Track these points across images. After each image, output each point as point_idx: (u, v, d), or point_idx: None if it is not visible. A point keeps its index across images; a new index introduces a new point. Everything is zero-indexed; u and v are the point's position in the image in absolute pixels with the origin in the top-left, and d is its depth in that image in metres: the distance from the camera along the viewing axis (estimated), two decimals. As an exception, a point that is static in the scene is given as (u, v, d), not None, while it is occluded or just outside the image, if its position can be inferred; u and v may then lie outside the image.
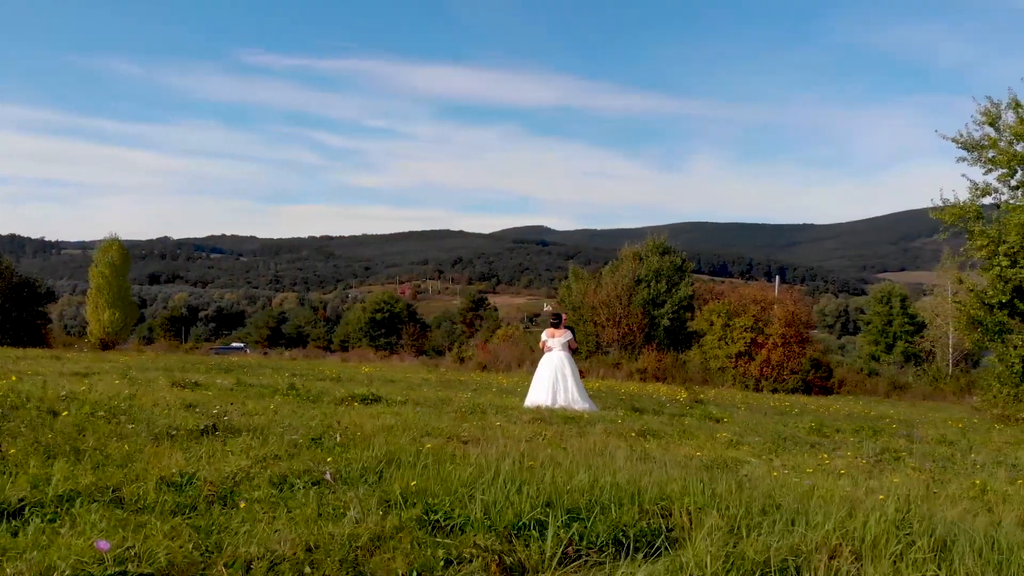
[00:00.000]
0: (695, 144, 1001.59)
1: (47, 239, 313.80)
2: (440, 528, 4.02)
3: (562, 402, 12.97)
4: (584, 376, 16.24)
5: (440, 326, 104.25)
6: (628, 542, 3.90)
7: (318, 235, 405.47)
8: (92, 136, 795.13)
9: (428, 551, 3.68)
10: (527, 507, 4.19)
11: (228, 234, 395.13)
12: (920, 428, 13.97)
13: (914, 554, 3.79)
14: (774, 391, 32.22)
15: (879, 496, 5.13)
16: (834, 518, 4.15)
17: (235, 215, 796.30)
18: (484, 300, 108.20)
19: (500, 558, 3.65)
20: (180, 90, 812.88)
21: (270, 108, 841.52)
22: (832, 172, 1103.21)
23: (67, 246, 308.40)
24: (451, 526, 4.04)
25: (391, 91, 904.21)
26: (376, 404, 11.14)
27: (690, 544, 3.75)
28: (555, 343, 13.68)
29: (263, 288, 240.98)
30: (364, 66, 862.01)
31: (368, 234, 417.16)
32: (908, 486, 6.12)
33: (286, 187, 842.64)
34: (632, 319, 42.41)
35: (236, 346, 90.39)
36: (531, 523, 4.03)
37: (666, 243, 47.39)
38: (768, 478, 6.17)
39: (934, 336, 51.27)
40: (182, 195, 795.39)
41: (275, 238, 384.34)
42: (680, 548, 3.78)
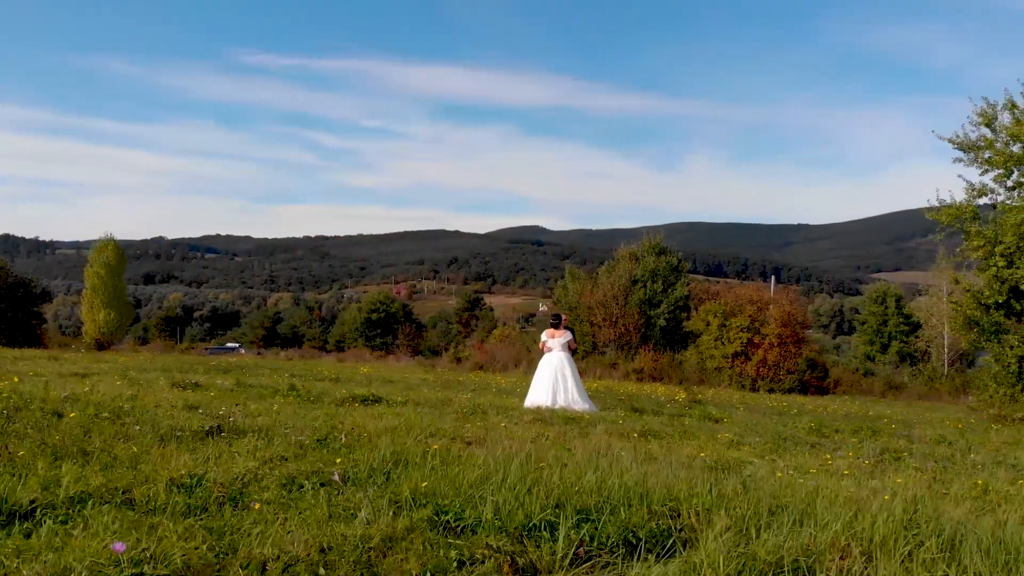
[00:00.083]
0: (691, 144, 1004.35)
1: (42, 239, 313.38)
2: (451, 529, 4.03)
3: (562, 403, 12.98)
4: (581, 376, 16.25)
5: (436, 326, 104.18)
6: (638, 543, 3.92)
7: (313, 235, 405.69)
8: (87, 136, 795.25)
9: (440, 552, 3.69)
10: (537, 508, 4.21)
11: (223, 234, 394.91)
12: (918, 428, 14.02)
13: (923, 554, 3.82)
14: (770, 391, 32.30)
15: (884, 496, 5.15)
16: (842, 518, 4.18)
17: (230, 215, 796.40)
18: (480, 300, 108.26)
19: (512, 559, 3.66)
20: (176, 90, 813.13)
21: (266, 108, 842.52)
22: (827, 172, 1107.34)
23: (62, 246, 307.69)
24: (461, 527, 4.05)
25: (387, 91, 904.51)
26: (377, 405, 11.14)
27: (702, 544, 3.77)
28: (555, 343, 13.69)
29: (258, 288, 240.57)
30: (360, 66, 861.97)
31: (363, 234, 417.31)
32: (912, 486, 6.15)
33: (282, 187, 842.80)
34: (628, 319, 42.44)
35: (231, 346, 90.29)
36: (541, 524, 4.05)
37: (662, 243, 47.40)
38: (772, 479, 6.19)
39: (929, 336, 51.38)
40: (177, 195, 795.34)
41: (270, 238, 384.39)
42: (692, 549, 3.80)
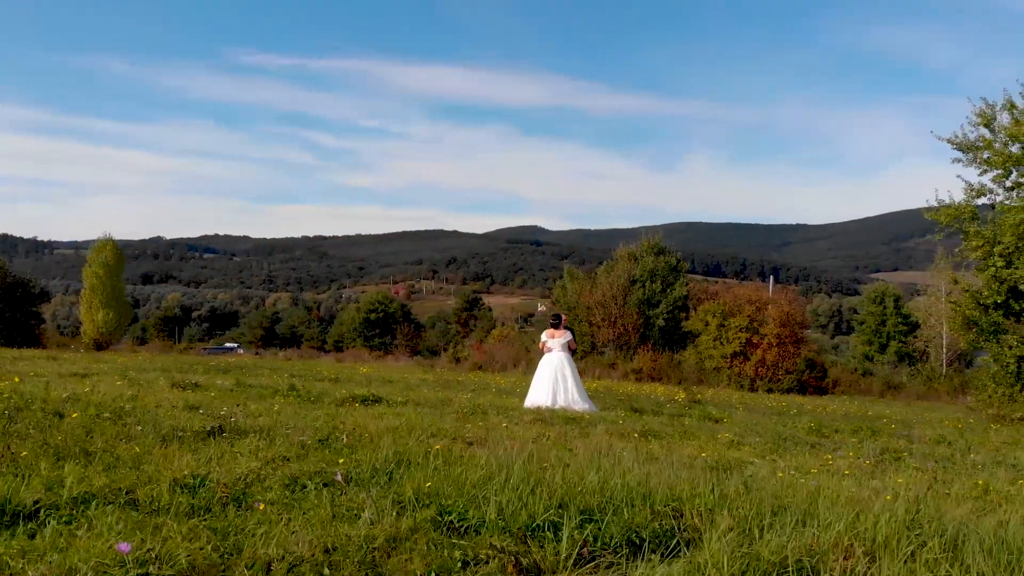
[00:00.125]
0: (688, 144, 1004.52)
1: (39, 239, 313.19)
2: (454, 529, 4.03)
3: (562, 403, 12.99)
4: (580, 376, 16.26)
5: (434, 326, 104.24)
6: (642, 543, 3.92)
7: (311, 235, 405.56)
8: (85, 136, 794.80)
9: (445, 552, 3.69)
10: (540, 508, 4.21)
11: (221, 234, 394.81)
12: (917, 428, 14.05)
13: (926, 554, 3.82)
14: (769, 391, 32.34)
15: (886, 497, 5.16)
16: (845, 519, 4.19)
17: (228, 215, 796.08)
18: (478, 300, 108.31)
19: (516, 559, 3.67)
20: (173, 90, 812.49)
21: (263, 108, 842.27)
22: (825, 172, 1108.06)
23: (59, 246, 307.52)
24: (465, 527, 4.06)
25: (385, 91, 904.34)
26: (377, 405, 11.15)
27: (706, 545, 3.77)
28: (555, 344, 13.70)
29: (256, 288, 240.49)
30: (358, 66, 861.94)
31: (362, 234, 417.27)
32: (913, 486, 6.16)
33: (279, 187, 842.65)
34: (627, 319, 42.47)
35: (229, 346, 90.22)
36: (545, 524, 4.05)
37: (661, 243, 47.44)
38: (773, 479, 6.20)
39: (928, 336, 51.48)
40: (175, 195, 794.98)
41: (268, 238, 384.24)
42: (696, 549, 3.81)
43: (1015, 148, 19.92)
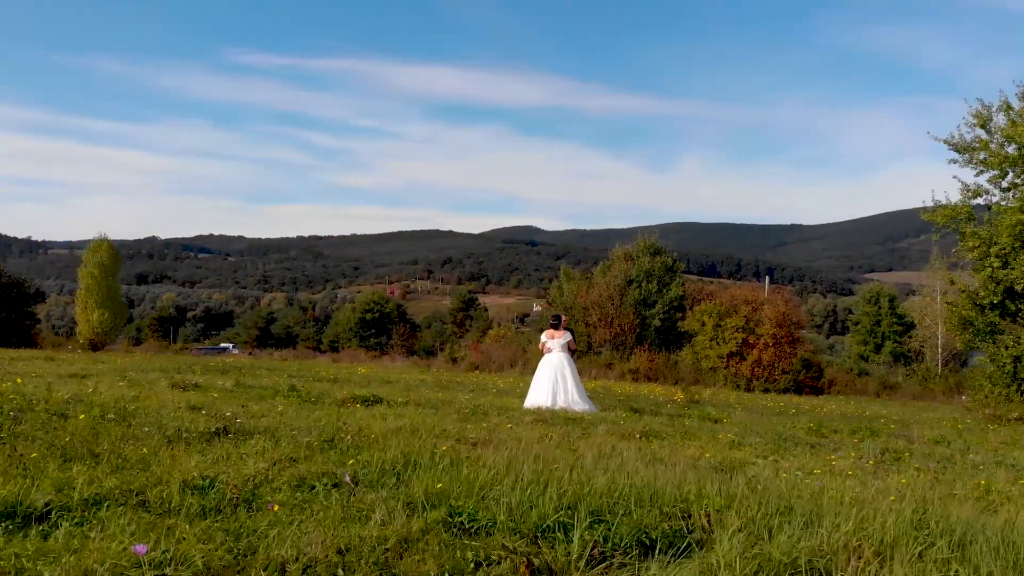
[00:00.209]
0: (684, 145, 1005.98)
1: (34, 239, 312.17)
2: (465, 530, 4.05)
3: (562, 403, 13.00)
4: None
5: (430, 326, 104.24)
6: (652, 544, 3.94)
7: (307, 235, 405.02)
8: (79, 135, 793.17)
9: (457, 553, 3.71)
10: (550, 509, 4.23)
11: (216, 234, 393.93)
12: (916, 428, 14.08)
13: (935, 554, 3.85)
14: (766, 391, 32.38)
15: (891, 497, 5.20)
16: (853, 519, 4.21)
17: (223, 215, 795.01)
18: (474, 300, 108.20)
19: (528, 560, 3.68)
20: (168, 89, 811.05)
21: (258, 107, 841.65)
22: (820, 173, 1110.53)
23: (54, 246, 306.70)
24: (475, 528, 4.07)
25: (380, 91, 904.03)
26: (378, 405, 11.16)
27: (717, 545, 3.79)
28: (554, 344, 13.72)
29: (251, 288, 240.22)
30: (353, 65, 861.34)
31: (357, 234, 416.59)
32: (916, 487, 6.19)
33: (274, 187, 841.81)
34: (624, 319, 42.49)
35: (223, 347, 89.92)
36: (555, 525, 4.07)
37: (657, 243, 47.50)
38: (777, 479, 6.23)
39: (923, 336, 51.63)
40: (170, 195, 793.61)
41: (263, 238, 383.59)
42: (707, 549, 3.83)
43: (1011, 149, 20.00)
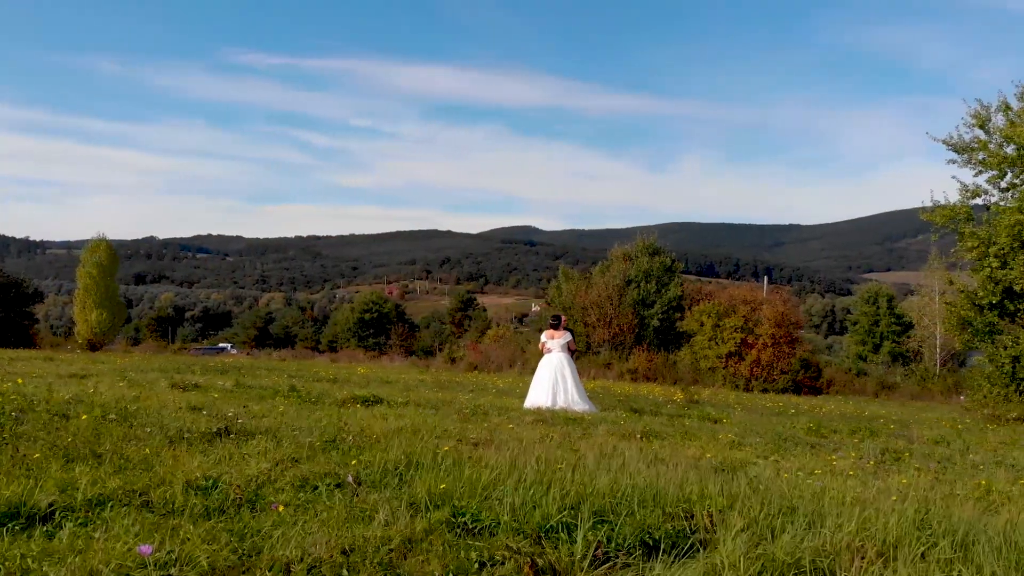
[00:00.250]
0: (682, 145, 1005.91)
1: (32, 239, 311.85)
2: (469, 531, 4.06)
3: (562, 403, 13.01)
4: None
5: (429, 326, 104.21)
6: (655, 544, 3.95)
7: (305, 235, 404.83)
8: (77, 135, 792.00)
9: (461, 553, 3.71)
10: (554, 510, 4.23)
11: (214, 234, 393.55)
12: (915, 428, 14.10)
13: (938, 554, 3.86)
14: (764, 391, 32.41)
15: (892, 497, 5.21)
16: (856, 519, 4.22)
17: (221, 215, 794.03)
18: (473, 300, 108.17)
19: (532, 560, 3.69)
20: (165, 89, 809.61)
21: (255, 107, 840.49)
22: (818, 173, 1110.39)
23: (52, 246, 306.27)
24: (479, 528, 4.08)
25: (377, 90, 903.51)
26: (378, 405, 11.16)
27: (721, 546, 3.80)
28: (554, 344, 13.72)
29: (250, 288, 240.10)
30: (350, 65, 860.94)
31: (355, 234, 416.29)
32: (918, 487, 6.20)
33: (272, 187, 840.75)
34: (622, 319, 42.51)
35: (222, 347, 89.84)
36: (559, 525, 4.08)
37: (656, 244, 47.54)
38: (778, 480, 6.24)
39: (921, 336, 51.69)
40: (168, 195, 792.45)
41: (261, 238, 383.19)
42: (711, 550, 3.84)
43: (1010, 149, 20.02)
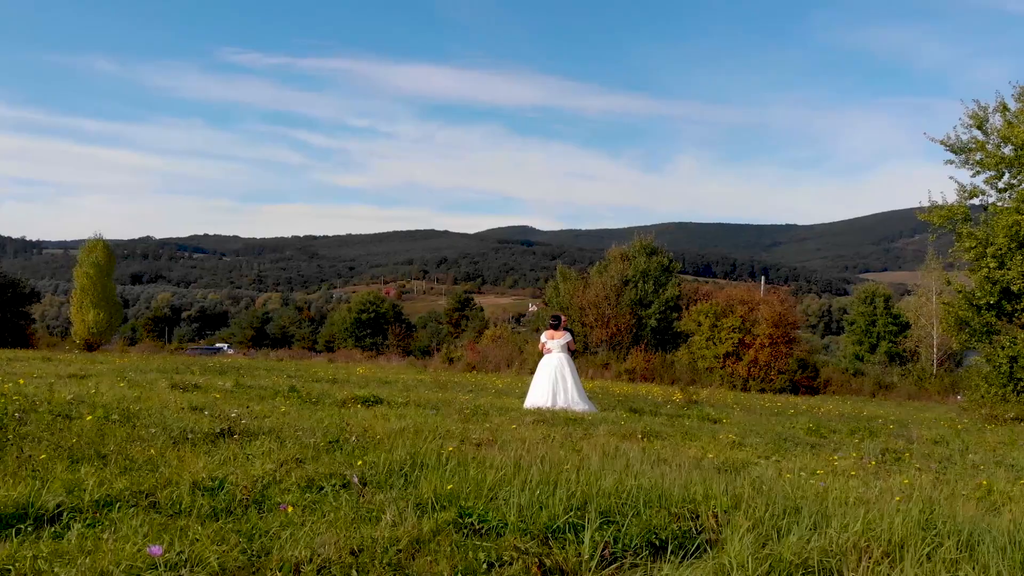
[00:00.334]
0: (678, 145, 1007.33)
1: (28, 239, 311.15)
2: (476, 531, 4.06)
3: (562, 403, 13.03)
4: None
5: (426, 326, 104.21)
6: (662, 544, 3.96)
7: (301, 235, 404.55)
8: (72, 135, 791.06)
9: (469, 554, 3.72)
10: (560, 510, 4.25)
11: (211, 234, 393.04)
12: (914, 428, 14.13)
13: (943, 554, 3.88)
14: (762, 391, 32.45)
15: (896, 497, 5.22)
16: (861, 519, 4.24)
17: (218, 215, 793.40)
18: (470, 300, 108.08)
19: (540, 560, 3.70)
20: (160, 89, 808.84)
21: (251, 107, 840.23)
22: (814, 173, 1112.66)
23: (48, 246, 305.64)
24: (486, 529, 4.09)
25: (374, 90, 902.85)
26: (379, 406, 11.17)
27: (728, 546, 3.81)
28: (554, 345, 13.74)
29: (246, 288, 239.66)
30: (346, 65, 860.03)
31: (352, 234, 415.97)
32: (920, 487, 6.22)
33: (268, 187, 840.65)
34: (620, 319, 42.60)
35: (218, 347, 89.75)
36: (565, 526, 4.09)
37: (653, 244, 47.62)
38: (781, 480, 6.26)
39: (918, 336, 51.78)
40: (164, 194, 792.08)
41: (258, 238, 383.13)
42: (718, 550, 3.85)
43: (1008, 150, 20.05)
